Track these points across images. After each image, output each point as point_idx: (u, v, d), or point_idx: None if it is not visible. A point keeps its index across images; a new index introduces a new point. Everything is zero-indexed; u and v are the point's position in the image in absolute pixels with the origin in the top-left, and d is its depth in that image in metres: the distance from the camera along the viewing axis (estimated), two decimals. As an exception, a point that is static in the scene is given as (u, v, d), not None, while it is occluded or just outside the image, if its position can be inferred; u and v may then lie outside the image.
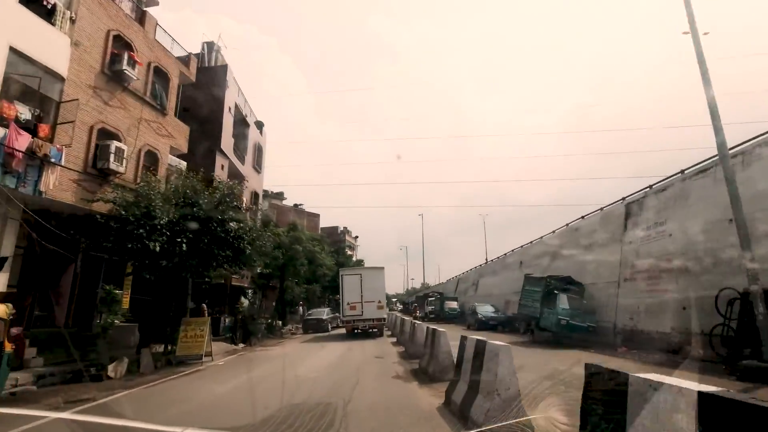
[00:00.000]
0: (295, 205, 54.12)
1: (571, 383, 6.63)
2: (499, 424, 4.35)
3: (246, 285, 22.39)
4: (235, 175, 21.93)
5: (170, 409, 6.79)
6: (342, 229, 72.44)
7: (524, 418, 4.27)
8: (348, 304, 20.24)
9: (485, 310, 24.85)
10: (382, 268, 21.04)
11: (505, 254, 29.80)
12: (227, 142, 19.82)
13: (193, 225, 11.76)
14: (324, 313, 27.46)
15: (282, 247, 19.43)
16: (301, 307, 34.41)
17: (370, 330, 20.43)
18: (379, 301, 20.39)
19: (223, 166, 19.30)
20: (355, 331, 20.31)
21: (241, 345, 16.93)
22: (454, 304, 34.93)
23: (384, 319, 20.52)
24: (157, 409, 6.83)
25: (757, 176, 9.67)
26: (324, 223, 61.83)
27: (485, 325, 23.32)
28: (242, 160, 22.78)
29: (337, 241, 60.75)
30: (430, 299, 40.22)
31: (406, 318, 17.18)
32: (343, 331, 21.66)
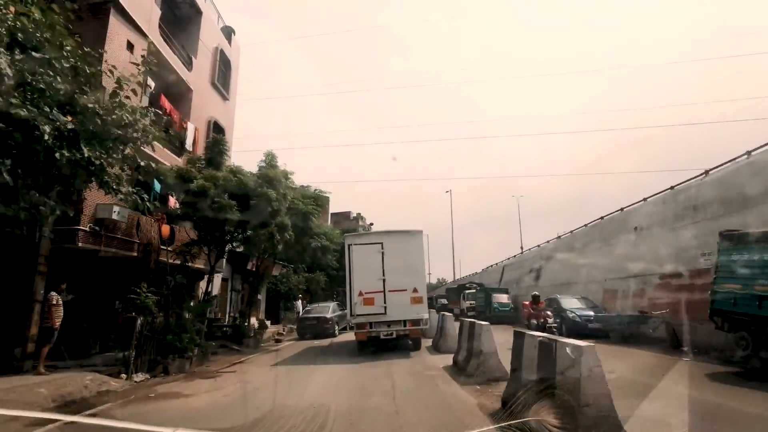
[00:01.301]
0: (302, 187, 45.43)
1: None
2: (494, 426, 4.68)
3: (197, 265, 13.75)
4: (173, 82, 13.28)
5: None
6: (355, 214, 64.27)
7: (517, 421, 4.29)
8: (360, 294, 11.48)
9: (574, 305, 15.81)
10: (420, 231, 12.15)
11: (585, 225, 20.56)
12: (140, 4, 11.12)
13: None
14: (328, 309, 18.83)
15: (239, 192, 10.63)
16: (299, 303, 25.83)
17: (399, 337, 11.66)
18: (415, 290, 11.54)
19: (133, 47, 10.60)
20: (371, 338, 11.51)
21: (140, 376, 8.29)
22: (504, 298, 25.86)
23: (423, 320, 11.65)
24: None
25: None
26: (334, 209, 53.84)
27: (580, 329, 14.39)
28: (187, 62, 14.13)
29: (349, 227, 52.26)
30: (467, 292, 31.23)
31: (482, 323, 8.24)
32: (353, 336, 12.69)
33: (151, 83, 11.59)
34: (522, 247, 38.92)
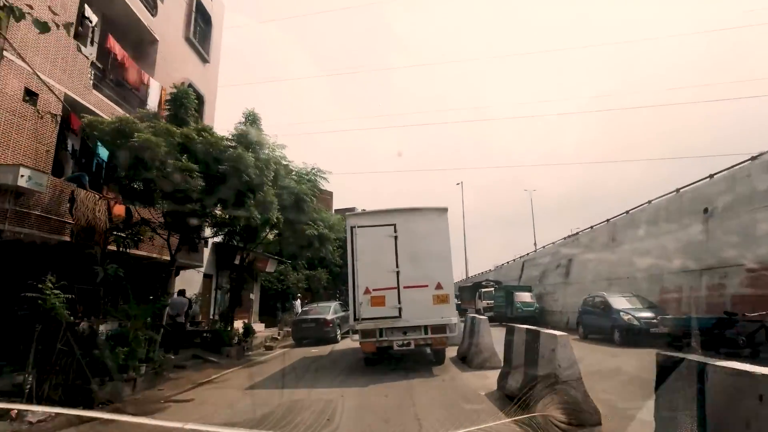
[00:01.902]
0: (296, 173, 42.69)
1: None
2: (498, 422, 4.42)
3: (165, 256, 11.02)
4: (129, 24, 10.59)
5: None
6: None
7: (523, 416, 4.20)
8: (367, 292, 8.77)
9: (627, 305, 13.00)
10: (444, 209, 9.35)
11: (627, 212, 17.67)
12: None
13: None
14: (328, 309, 16.12)
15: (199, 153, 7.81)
16: (298, 302, 23.15)
17: (419, 347, 8.89)
18: (439, 285, 8.76)
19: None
20: (381, 349, 8.74)
21: (40, 413, 5.55)
22: (527, 297, 23.02)
23: (450, 326, 8.80)
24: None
25: None
26: (338, 205, 51.41)
27: (638, 334, 11.75)
28: (150, 5, 11.38)
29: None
30: (483, 291, 28.44)
31: (554, 333, 5.44)
32: (357, 344, 9.72)
33: (93, 17, 8.89)
34: (536, 244, 36.06)
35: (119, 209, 9.75)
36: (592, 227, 20.96)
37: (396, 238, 8.90)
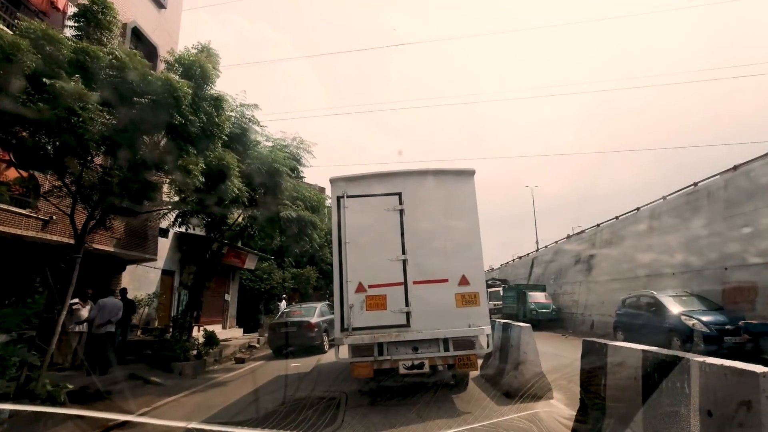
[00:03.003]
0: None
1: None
2: (504, 418, 4.47)
3: (106, 247, 8.24)
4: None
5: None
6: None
7: (527, 412, 4.28)
8: (361, 289, 6.12)
9: (686, 308, 10.45)
10: (470, 172, 6.67)
11: (664, 198, 15.14)
12: None
13: None
14: (313, 311, 13.39)
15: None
16: (283, 303, 20.41)
17: (433, 367, 6.11)
18: (464, 280, 6.09)
19: None
20: (381, 372, 5.99)
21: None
22: (541, 297, 20.45)
23: (480, 339, 6.15)
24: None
25: None
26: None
27: (709, 344, 9.28)
28: None
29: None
30: (490, 291, 25.78)
31: (751, 370, 2.85)
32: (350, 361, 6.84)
33: None
34: (538, 242, 33.65)
35: (14, 174, 6.97)
36: (617, 217, 18.42)
37: (402, 212, 6.24)
